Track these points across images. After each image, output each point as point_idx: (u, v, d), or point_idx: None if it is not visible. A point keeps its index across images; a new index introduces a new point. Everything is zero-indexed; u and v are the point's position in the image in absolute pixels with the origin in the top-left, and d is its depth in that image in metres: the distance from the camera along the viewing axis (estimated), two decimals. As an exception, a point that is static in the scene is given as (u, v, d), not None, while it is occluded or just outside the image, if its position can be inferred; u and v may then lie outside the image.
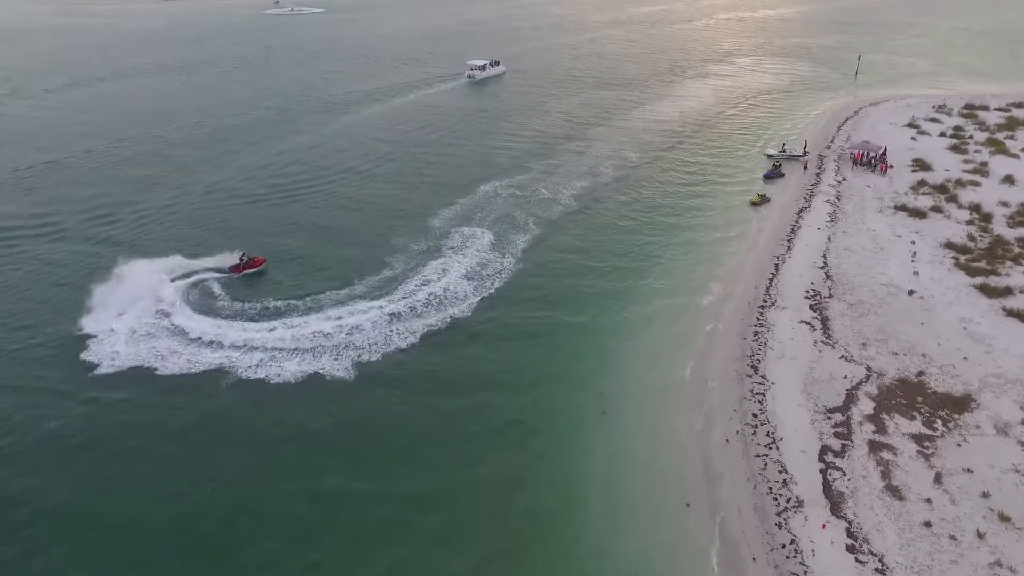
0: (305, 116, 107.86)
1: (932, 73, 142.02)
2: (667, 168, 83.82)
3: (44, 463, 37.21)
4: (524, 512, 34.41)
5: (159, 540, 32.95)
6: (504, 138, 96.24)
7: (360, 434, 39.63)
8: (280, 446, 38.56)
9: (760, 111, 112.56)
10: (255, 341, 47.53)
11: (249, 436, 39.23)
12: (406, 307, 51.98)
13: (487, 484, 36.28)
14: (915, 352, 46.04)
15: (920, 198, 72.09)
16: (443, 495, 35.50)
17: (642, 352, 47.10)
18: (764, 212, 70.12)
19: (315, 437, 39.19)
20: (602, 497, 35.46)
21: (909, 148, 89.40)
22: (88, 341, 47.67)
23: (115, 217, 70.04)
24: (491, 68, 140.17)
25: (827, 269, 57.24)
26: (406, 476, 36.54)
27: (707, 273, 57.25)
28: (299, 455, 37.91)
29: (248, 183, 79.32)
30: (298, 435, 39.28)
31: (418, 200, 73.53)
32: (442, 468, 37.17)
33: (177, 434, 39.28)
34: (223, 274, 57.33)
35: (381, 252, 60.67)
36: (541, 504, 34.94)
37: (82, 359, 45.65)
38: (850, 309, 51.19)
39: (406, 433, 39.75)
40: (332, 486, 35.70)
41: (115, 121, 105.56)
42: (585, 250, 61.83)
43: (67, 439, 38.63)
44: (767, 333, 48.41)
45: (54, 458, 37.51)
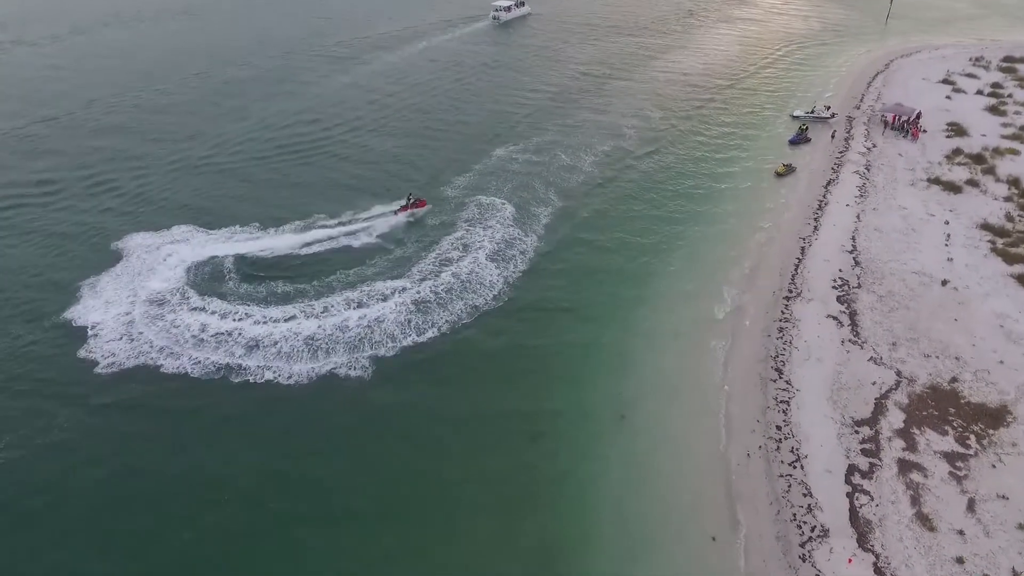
0: (312, 67, 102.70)
1: (971, 17, 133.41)
2: (690, 131, 79.18)
3: (42, 479, 35.69)
4: (538, 542, 32.72)
5: (169, 560, 31.78)
6: (522, 93, 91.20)
7: (369, 448, 37.58)
8: (285, 460, 36.67)
9: (786, 63, 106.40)
10: (264, 335, 45.18)
11: (256, 447, 37.37)
12: (429, 292, 49.25)
13: (498, 504, 34.53)
14: (948, 354, 43.24)
15: (955, 169, 67.61)
16: (449, 518, 33.82)
17: (663, 350, 44.48)
18: (790, 184, 66.06)
19: (323, 449, 37.27)
20: (617, 521, 33.61)
21: (944, 109, 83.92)
22: (86, 333, 45.39)
23: (116, 183, 66.79)
24: (516, 9, 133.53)
25: (856, 254, 53.84)
26: (412, 496, 34.77)
27: (731, 257, 53.83)
28: (305, 468, 36.16)
29: (249, 144, 75.48)
30: (306, 447, 37.38)
31: (431, 165, 69.83)
32: (451, 487, 35.32)
33: (183, 447, 37.44)
34: (392, 214, 59.63)
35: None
36: (556, 528, 33.29)
37: (79, 356, 43.41)
38: (880, 302, 48.15)
39: (416, 445, 37.79)
40: (339, 506, 34.05)
41: (117, 72, 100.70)
42: (605, 228, 58.31)
43: (67, 454, 36.80)
44: (792, 330, 45.65)
45: (54, 475, 35.92)
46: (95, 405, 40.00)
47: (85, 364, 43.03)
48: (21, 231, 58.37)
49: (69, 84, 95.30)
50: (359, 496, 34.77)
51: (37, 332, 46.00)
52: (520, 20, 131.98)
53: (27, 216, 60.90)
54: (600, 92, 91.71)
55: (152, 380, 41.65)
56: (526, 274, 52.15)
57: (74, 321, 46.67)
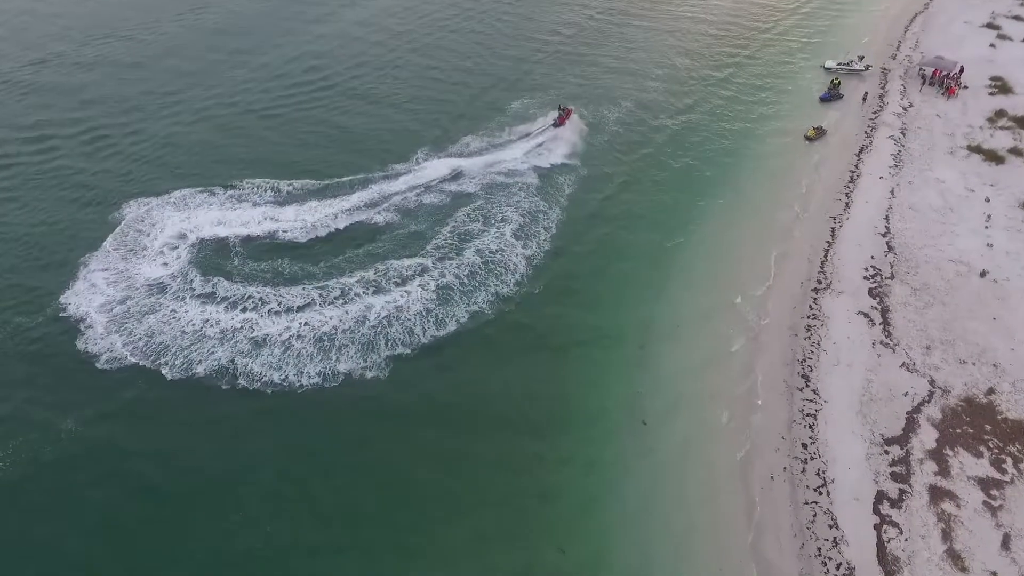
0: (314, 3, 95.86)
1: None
2: (716, 85, 73.14)
3: (43, 491, 34.22)
4: (553, 569, 31.24)
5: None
6: (540, 37, 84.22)
7: (382, 462, 35.61)
8: (294, 476, 34.85)
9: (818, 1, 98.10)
10: (273, 329, 42.58)
11: (264, 461, 35.48)
12: (452, 276, 46.44)
13: (513, 521, 33.01)
14: (985, 360, 40.36)
15: (997, 134, 62.42)
16: (464, 537, 32.35)
17: (686, 349, 41.80)
18: (820, 151, 61.26)
19: (334, 464, 35.33)
20: (633, 548, 32.02)
21: (987, 59, 77.19)
22: (82, 323, 43.04)
23: (111, 139, 63.30)
24: None
25: (889, 237, 50.08)
26: (426, 517, 33.15)
27: (758, 241, 50.08)
28: (314, 487, 34.41)
29: (253, 90, 71.38)
30: (316, 461, 35.44)
31: (439, 122, 65.21)
32: (465, 504, 33.74)
33: (188, 459, 35.58)
34: (551, 130, 62.26)
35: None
36: (569, 550, 31.76)
37: (78, 349, 41.29)
38: (914, 296, 44.89)
39: (432, 459, 35.73)
40: (347, 534, 32.54)
41: (106, 7, 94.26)
42: (628, 203, 54.28)
43: (68, 466, 35.15)
44: (821, 329, 42.70)
45: (55, 488, 34.43)
46: (97, 410, 38.17)
47: (84, 360, 40.97)
48: (11, 199, 55.32)
49: (55, 24, 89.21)
50: (369, 521, 33.17)
51: (31, 321, 43.82)
52: None
53: (18, 179, 57.77)
54: (621, 37, 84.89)
55: (154, 381, 39.60)
56: (549, 255, 49.03)
57: (70, 309, 44.32)
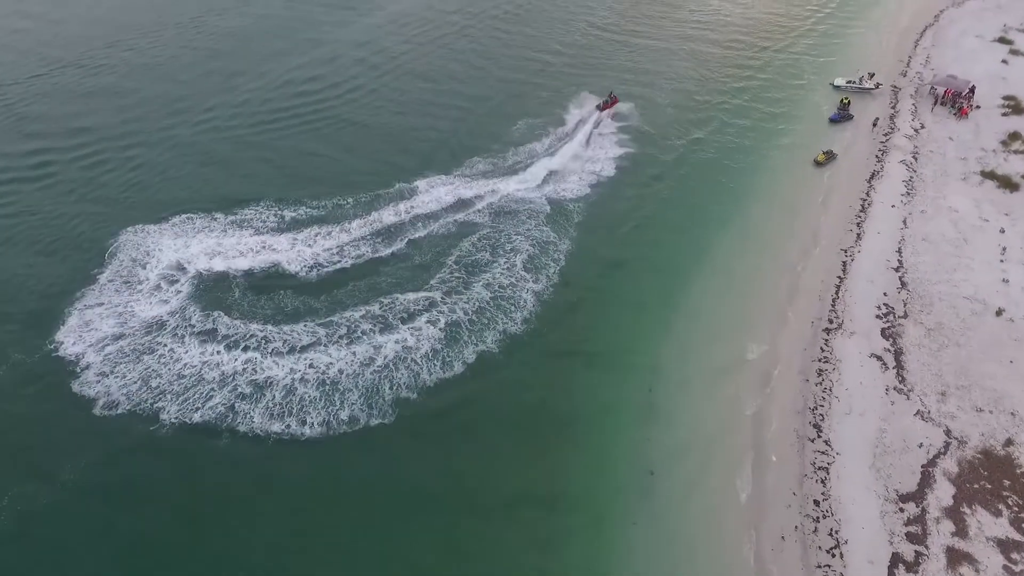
0: (321, 13, 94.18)
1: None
2: (724, 105, 71.17)
3: (39, 546, 33.32)
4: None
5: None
6: (538, 55, 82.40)
7: (383, 526, 34.59)
8: (296, 536, 33.77)
9: (826, 12, 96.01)
10: (274, 373, 41.42)
11: (263, 520, 34.35)
12: (460, 312, 45.37)
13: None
14: (1002, 408, 38.90)
15: (1011, 159, 60.69)
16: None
17: (694, 396, 40.42)
18: (830, 177, 59.68)
19: (337, 528, 34.12)
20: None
21: (1000, 76, 75.35)
22: (78, 364, 41.93)
23: (108, 158, 62.28)
24: None
25: (902, 272, 48.59)
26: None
27: (767, 277, 48.57)
28: (318, 551, 33.28)
29: (245, 115, 69.50)
30: (318, 522, 34.23)
31: (446, 143, 64.25)
32: (471, 560, 32.72)
33: (185, 515, 34.48)
34: (596, 113, 66.38)
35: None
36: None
37: (75, 393, 40.14)
38: (928, 337, 43.41)
39: (437, 518, 34.65)
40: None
41: (101, 20, 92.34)
42: (636, 236, 52.83)
43: (65, 521, 34.18)
44: (833, 373, 41.32)
45: (51, 543, 33.47)
46: (93, 460, 37.15)
47: (80, 405, 39.88)
48: (6, 226, 54.26)
49: (52, 34, 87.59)
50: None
51: (27, 359, 42.69)
52: None
53: (13, 206, 56.58)
54: (625, 55, 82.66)
55: (151, 429, 38.42)
56: (558, 288, 47.82)
57: (64, 347, 43.22)
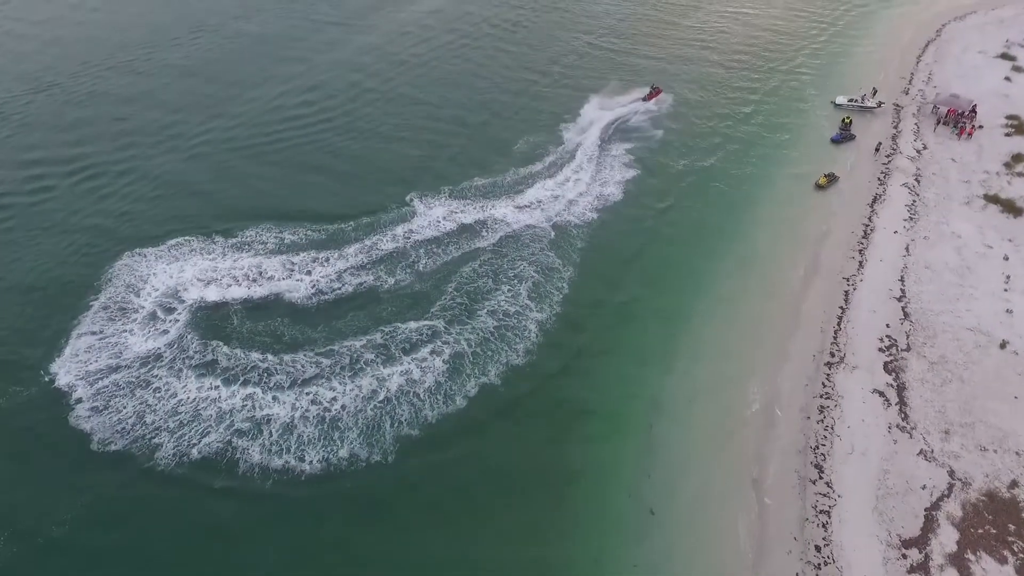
0: (321, 26, 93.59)
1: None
2: (724, 124, 70.54)
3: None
4: None
5: None
6: (531, 74, 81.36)
7: (379, 565, 34.17)
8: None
9: (826, 21, 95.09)
10: (274, 410, 40.79)
11: (259, 564, 34.03)
12: (464, 343, 44.88)
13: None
14: (1007, 447, 38.18)
15: (1015, 182, 59.86)
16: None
17: (693, 433, 39.73)
18: (831, 201, 58.85)
19: (328, 568, 33.85)
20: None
21: (1002, 94, 74.52)
22: (74, 397, 41.35)
23: (105, 175, 62.11)
24: None
25: (905, 302, 47.84)
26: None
27: (768, 310, 47.76)
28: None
29: (242, 131, 69.23)
30: (310, 565, 33.89)
31: (447, 160, 64.16)
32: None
33: (182, 557, 34.09)
34: (640, 103, 72.18)
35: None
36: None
37: (72, 427, 39.60)
38: (931, 371, 42.68)
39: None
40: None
41: (94, 36, 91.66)
42: (637, 268, 51.87)
43: (64, 559, 33.81)
44: (834, 410, 40.61)
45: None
46: (89, 499, 36.61)
47: (75, 440, 39.37)
48: (3, 247, 53.91)
49: (45, 55, 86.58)
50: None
51: (23, 391, 42.17)
52: None
53: (7, 225, 56.25)
54: (625, 69, 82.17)
55: (147, 467, 37.89)
56: (561, 319, 47.15)
57: (59, 379, 42.64)
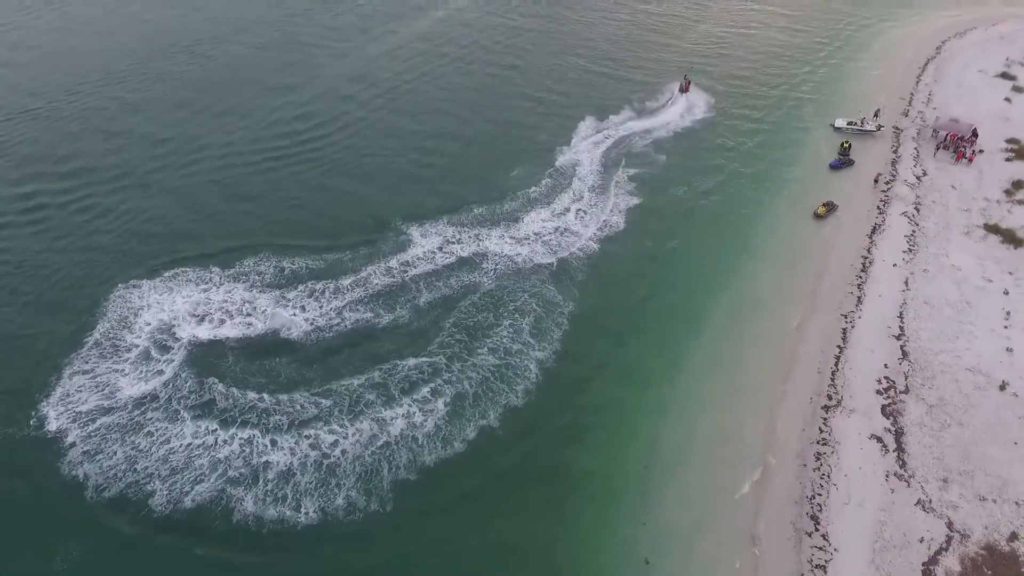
0: (314, 44, 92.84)
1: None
2: (720, 148, 70.07)
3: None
4: None
5: None
6: (536, 88, 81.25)
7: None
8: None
9: (827, 38, 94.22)
10: (270, 456, 40.11)
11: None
12: (466, 383, 44.29)
13: None
14: (1006, 496, 37.43)
15: (1015, 210, 59.07)
16: None
17: (689, 482, 38.98)
18: (830, 232, 58.08)
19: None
20: None
21: (1003, 116, 73.78)
22: (66, 440, 40.67)
23: (99, 201, 61.34)
24: None
25: (903, 340, 47.07)
26: None
27: (764, 348, 46.96)
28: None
29: (236, 155, 68.70)
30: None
31: (443, 185, 63.57)
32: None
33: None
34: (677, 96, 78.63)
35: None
36: None
37: (63, 474, 38.94)
38: (929, 415, 41.92)
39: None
40: None
41: (98, 51, 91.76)
42: (640, 294, 51.64)
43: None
44: (831, 457, 39.89)
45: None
46: (83, 551, 35.93)
47: (68, 487, 38.52)
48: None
49: (31, 76, 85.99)
50: None
51: (14, 434, 41.27)
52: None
53: (3, 258, 55.54)
54: (627, 86, 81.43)
55: (140, 515, 37.23)
56: (560, 357, 46.50)
57: (50, 422, 41.78)
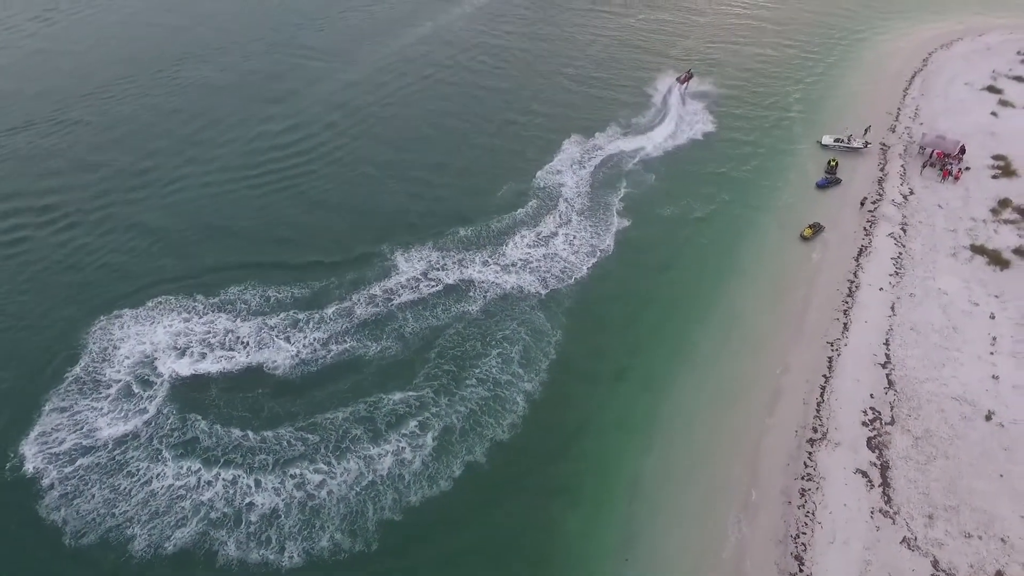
0: (314, 57, 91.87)
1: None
2: (708, 167, 69.50)
3: None
4: None
5: None
6: (520, 109, 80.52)
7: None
8: None
9: (816, 52, 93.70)
10: (254, 499, 39.76)
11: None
12: (455, 417, 44.00)
13: None
14: (992, 532, 36.99)
15: (1001, 229, 58.67)
16: None
17: (672, 521, 38.57)
18: (816, 255, 57.60)
19: None
20: None
21: (989, 132, 73.35)
22: (42, 482, 40.24)
23: (81, 225, 61.16)
24: None
25: (890, 369, 46.64)
26: None
27: (750, 374, 46.83)
28: None
29: (220, 175, 68.60)
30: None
31: (429, 209, 63.03)
32: None
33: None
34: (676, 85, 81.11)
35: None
36: None
37: (41, 518, 38.53)
38: (915, 447, 41.49)
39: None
40: None
41: (84, 66, 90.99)
42: (625, 322, 51.34)
43: None
44: (816, 493, 39.44)
45: None
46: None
47: (48, 531, 38.39)
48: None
49: (19, 87, 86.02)
50: None
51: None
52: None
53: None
54: (611, 104, 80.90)
55: (123, 561, 36.98)
56: (547, 386, 46.36)
57: (28, 463, 41.62)
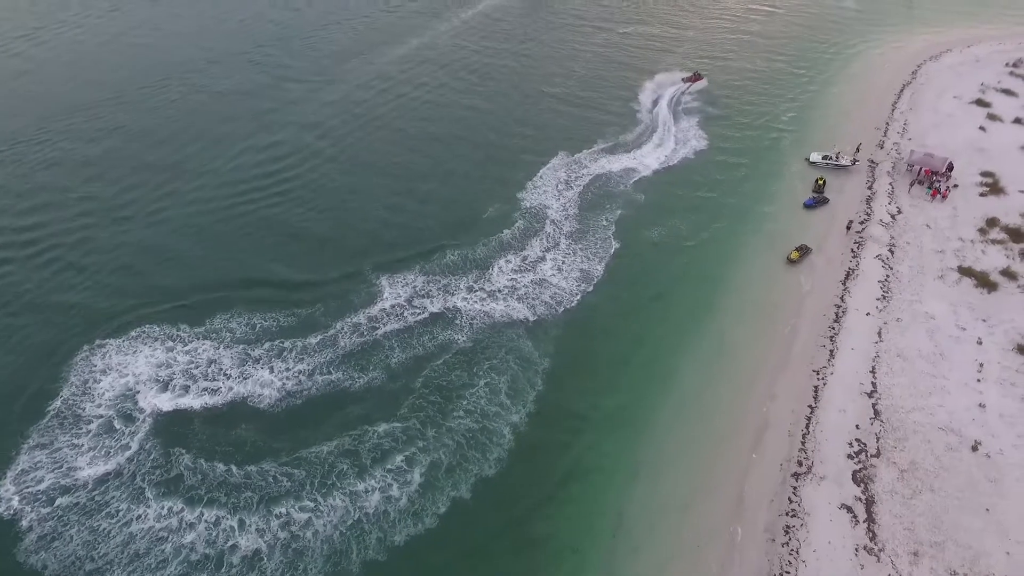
0: (296, 75, 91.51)
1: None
2: (696, 188, 69.03)
3: None
4: None
5: None
6: (504, 131, 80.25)
7: None
8: None
9: (801, 65, 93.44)
10: (238, 542, 39.17)
11: None
12: (442, 453, 43.52)
13: None
14: (978, 570, 36.34)
15: (989, 250, 58.12)
16: None
17: (658, 550, 38.11)
18: (803, 278, 56.99)
19: None
20: None
21: (977, 147, 72.96)
22: (21, 523, 39.65)
23: (62, 250, 60.63)
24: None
25: (876, 398, 46.02)
26: None
27: (735, 403, 46.22)
28: None
29: (217, 187, 68.76)
30: None
31: (414, 232, 62.72)
32: None
33: None
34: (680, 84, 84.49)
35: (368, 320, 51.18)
36: None
37: (18, 561, 37.87)
38: (901, 481, 40.86)
39: None
40: None
41: (67, 87, 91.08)
42: (611, 348, 50.97)
43: None
44: (800, 530, 38.82)
45: None
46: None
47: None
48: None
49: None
50: None
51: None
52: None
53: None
54: (595, 124, 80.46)
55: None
56: (533, 419, 45.69)
57: (7, 503, 40.83)
